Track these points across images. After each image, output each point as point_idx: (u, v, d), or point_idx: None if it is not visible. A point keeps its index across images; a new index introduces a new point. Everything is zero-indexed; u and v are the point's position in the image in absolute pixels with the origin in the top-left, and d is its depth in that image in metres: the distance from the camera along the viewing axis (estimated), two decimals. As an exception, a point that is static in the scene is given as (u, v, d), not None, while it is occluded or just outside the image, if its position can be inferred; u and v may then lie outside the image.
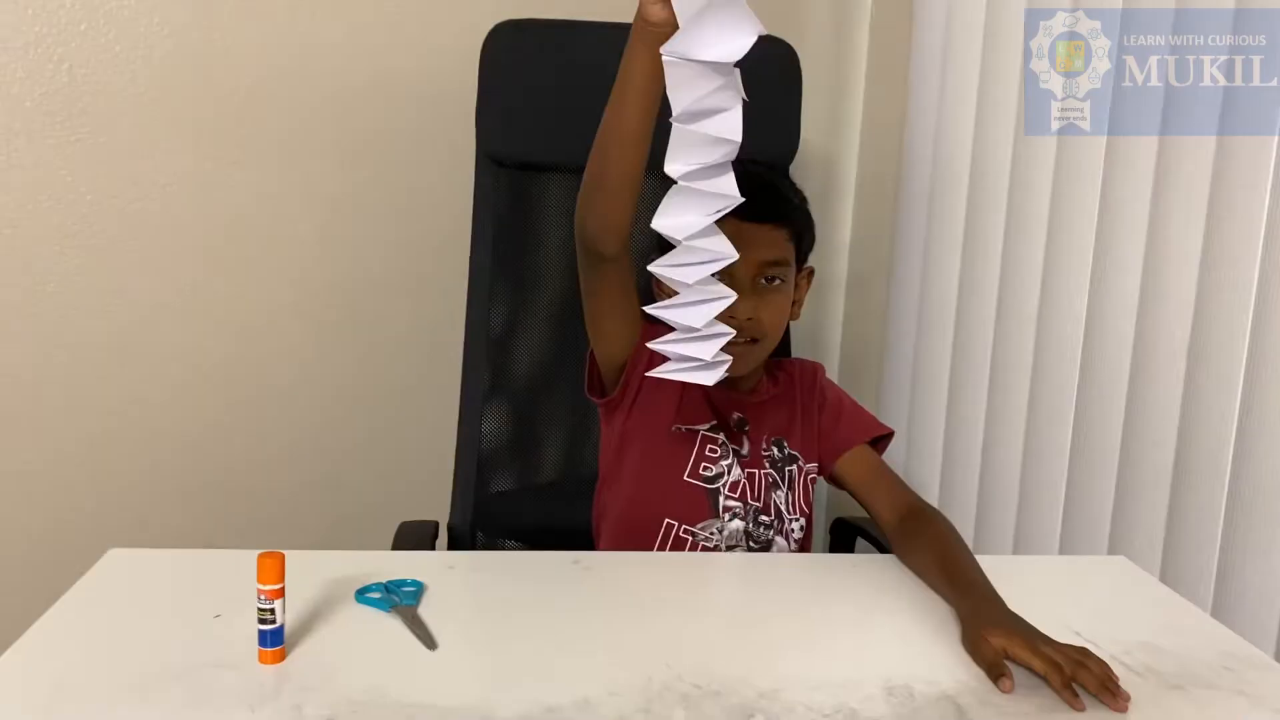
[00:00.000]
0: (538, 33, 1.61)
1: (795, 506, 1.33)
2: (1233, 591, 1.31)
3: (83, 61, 1.74)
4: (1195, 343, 1.36)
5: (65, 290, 1.80)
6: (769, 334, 1.28)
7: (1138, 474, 1.46)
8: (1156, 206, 1.42)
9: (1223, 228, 1.32)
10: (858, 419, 1.38)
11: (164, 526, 1.92)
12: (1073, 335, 1.58)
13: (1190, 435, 1.37)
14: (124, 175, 1.80)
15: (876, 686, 0.90)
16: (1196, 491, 1.36)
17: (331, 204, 1.92)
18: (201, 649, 0.91)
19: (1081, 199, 1.55)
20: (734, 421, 1.32)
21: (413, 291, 1.98)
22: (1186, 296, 1.37)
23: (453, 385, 1.60)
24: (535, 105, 1.60)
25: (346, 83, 1.87)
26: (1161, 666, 0.96)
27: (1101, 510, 1.52)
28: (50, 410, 1.83)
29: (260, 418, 1.96)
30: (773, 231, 1.26)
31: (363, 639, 0.95)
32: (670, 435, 1.30)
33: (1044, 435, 1.64)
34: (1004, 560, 1.37)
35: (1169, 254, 1.40)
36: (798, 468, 1.34)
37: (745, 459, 1.31)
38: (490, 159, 1.61)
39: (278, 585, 0.89)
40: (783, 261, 1.27)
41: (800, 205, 1.33)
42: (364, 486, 2.01)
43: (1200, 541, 1.36)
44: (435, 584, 1.06)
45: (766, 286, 1.26)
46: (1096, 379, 1.53)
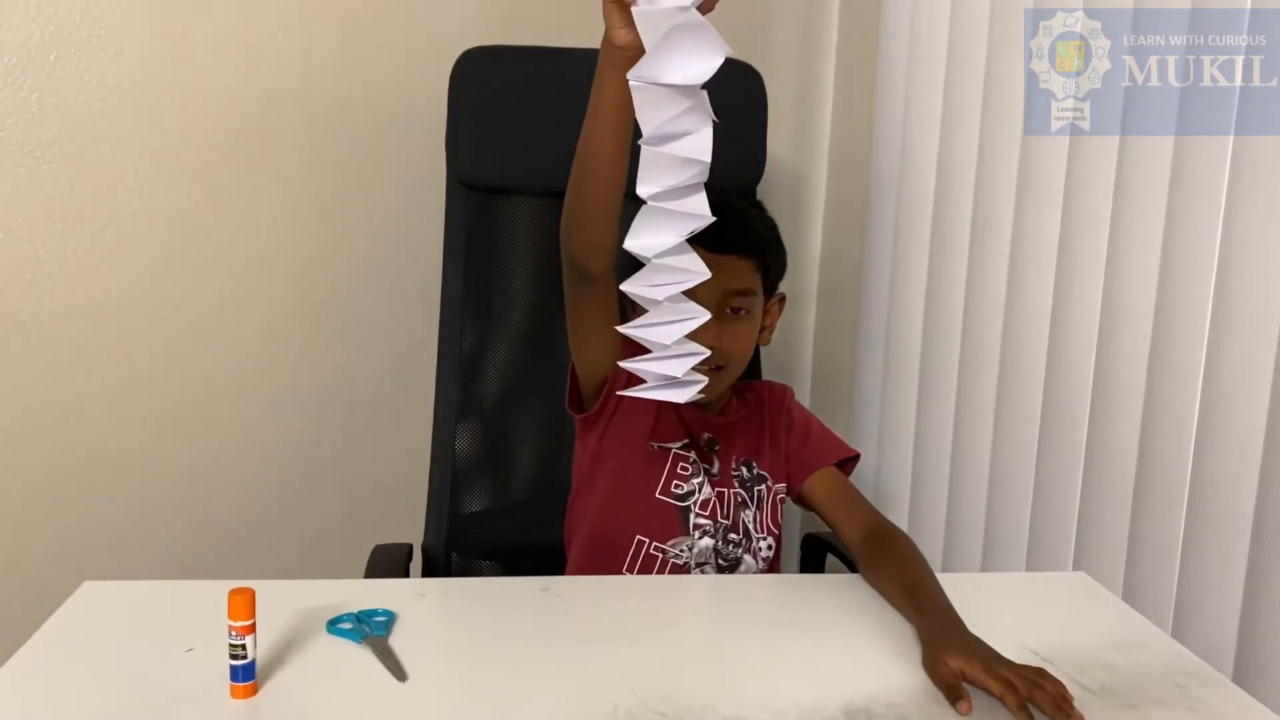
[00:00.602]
0: (506, 58, 1.63)
1: (764, 526, 1.35)
2: (1192, 608, 1.34)
3: (52, 91, 1.75)
4: (1154, 366, 1.39)
5: (35, 318, 1.81)
6: (732, 362, 1.30)
7: (1101, 492, 1.48)
8: (1118, 210, 1.44)
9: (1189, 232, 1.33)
10: (824, 441, 1.40)
11: (139, 551, 1.92)
12: (1037, 354, 1.60)
13: (1150, 455, 1.39)
14: (93, 203, 1.80)
15: (837, 709, 0.92)
16: (1157, 510, 1.38)
17: (301, 228, 1.93)
18: (174, 684, 0.92)
19: (1046, 213, 1.57)
20: (704, 441, 1.34)
21: (384, 314, 1.99)
22: (1146, 315, 1.39)
23: (426, 406, 1.62)
24: (504, 129, 1.61)
25: (316, 108, 1.88)
26: (1115, 685, 0.98)
27: (1066, 528, 1.54)
28: (20, 443, 1.84)
29: (234, 440, 1.96)
30: (739, 262, 1.28)
31: (334, 671, 0.96)
32: (643, 453, 1.32)
33: (1010, 453, 1.66)
34: (965, 577, 1.40)
35: (1134, 272, 1.42)
36: (766, 488, 1.36)
37: (715, 478, 1.33)
38: (460, 182, 1.63)
39: (249, 621, 0.90)
40: (748, 291, 1.30)
41: (769, 234, 1.35)
42: (338, 508, 2.02)
43: (1160, 559, 1.38)
44: (406, 613, 1.07)
45: (731, 316, 1.28)
46: (1061, 397, 1.56)
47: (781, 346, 2.16)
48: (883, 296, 1.98)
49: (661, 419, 1.33)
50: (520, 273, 1.66)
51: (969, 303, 1.75)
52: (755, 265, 1.30)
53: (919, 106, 1.85)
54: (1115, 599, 1.23)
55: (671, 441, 1.33)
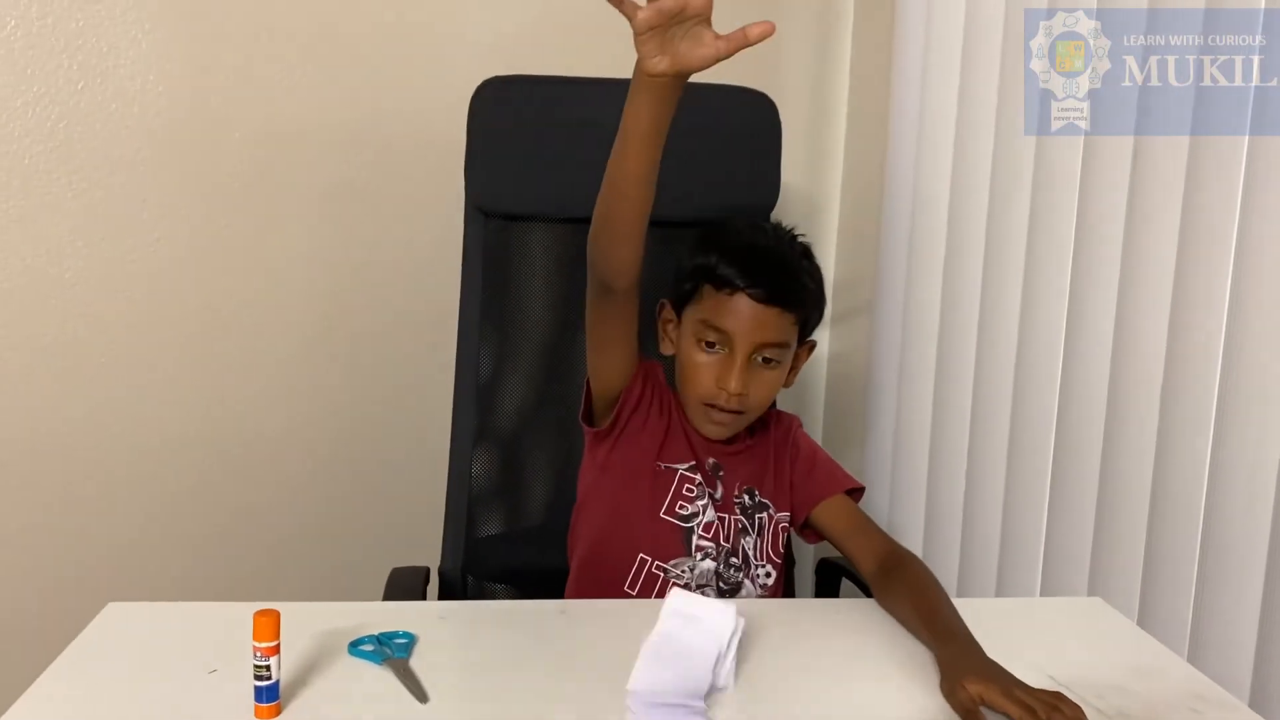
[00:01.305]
0: (524, 88, 1.65)
1: (763, 554, 1.36)
2: (1208, 633, 1.34)
3: (79, 119, 1.78)
4: (1168, 392, 1.39)
5: (60, 343, 1.83)
6: (754, 409, 1.32)
7: (1115, 518, 1.48)
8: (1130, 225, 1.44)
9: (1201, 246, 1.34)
10: (830, 471, 1.41)
11: (160, 578, 1.94)
12: (1051, 378, 1.61)
13: (1165, 480, 1.40)
14: (118, 230, 1.83)
15: (851, 733, 0.93)
16: (1172, 536, 1.39)
17: (322, 254, 1.95)
18: (199, 705, 0.94)
19: (1059, 245, 1.58)
20: (709, 466, 1.36)
21: (402, 340, 2.01)
22: (1160, 339, 1.40)
23: (443, 431, 1.63)
24: (521, 157, 1.64)
25: (338, 137, 1.91)
26: (1131, 709, 0.99)
27: (1081, 554, 1.54)
28: (46, 466, 1.86)
29: (254, 464, 1.98)
30: (781, 317, 1.29)
31: (356, 692, 0.97)
32: (650, 471, 1.33)
33: (1024, 479, 1.66)
34: (980, 603, 1.40)
35: (1147, 294, 1.42)
36: (768, 516, 1.37)
37: (718, 503, 1.34)
38: (478, 209, 1.65)
39: (274, 642, 0.91)
40: (783, 344, 1.31)
41: (815, 288, 1.36)
42: (356, 531, 2.04)
43: (1176, 585, 1.38)
44: (427, 635, 1.08)
45: (762, 366, 1.30)
46: (1075, 424, 1.56)
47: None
48: (896, 322, 1.98)
49: (671, 440, 1.35)
50: (536, 299, 1.67)
51: (982, 328, 1.76)
52: (795, 319, 1.31)
53: (932, 131, 1.87)
54: (1130, 624, 1.24)
55: (679, 463, 1.34)
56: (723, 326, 1.27)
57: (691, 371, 1.31)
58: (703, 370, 1.29)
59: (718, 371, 1.28)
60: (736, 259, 1.28)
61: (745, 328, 1.27)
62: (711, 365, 1.29)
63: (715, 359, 1.29)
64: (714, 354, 1.29)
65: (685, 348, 1.32)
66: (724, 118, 1.67)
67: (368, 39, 1.91)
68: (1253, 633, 1.28)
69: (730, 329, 1.27)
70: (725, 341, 1.28)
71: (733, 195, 1.65)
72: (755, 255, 1.30)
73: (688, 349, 1.32)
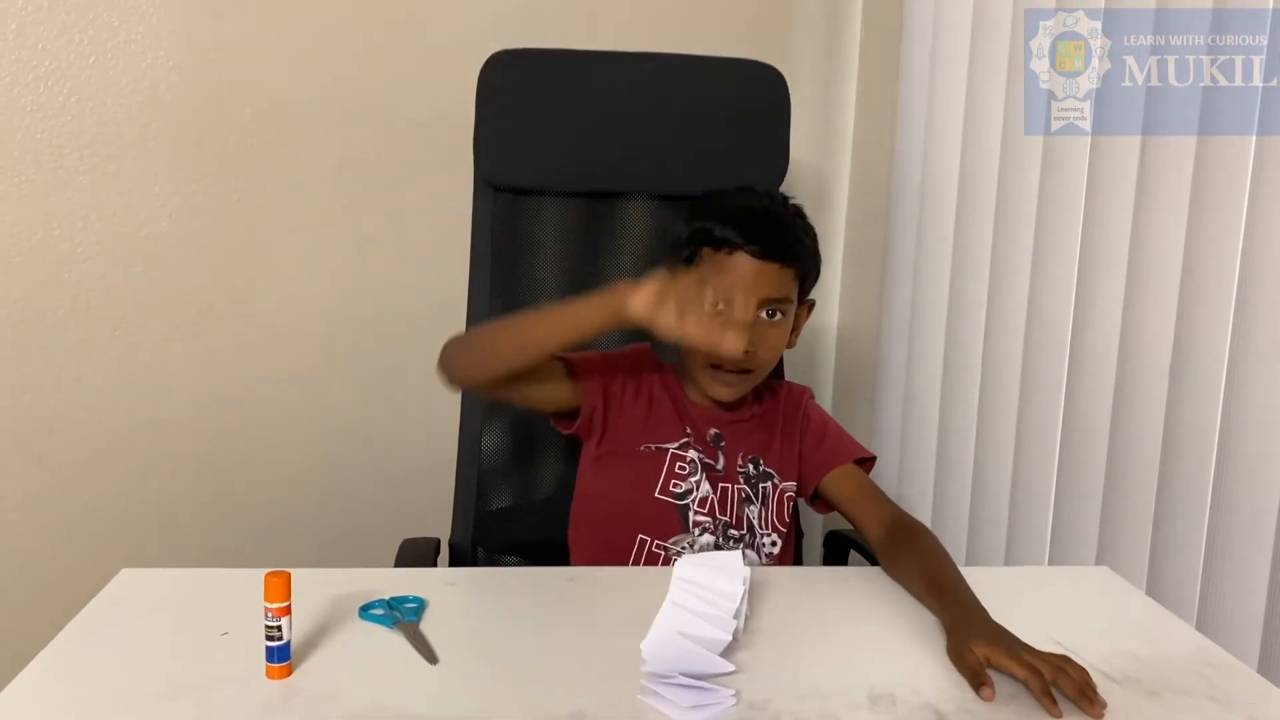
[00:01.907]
0: (533, 61, 1.65)
1: (769, 523, 1.36)
2: (1216, 602, 1.34)
3: (90, 94, 1.78)
4: (1176, 361, 1.39)
5: (74, 316, 1.84)
6: (762, 366, 1.33)
7: (1124, 488, 1.48)
8: (1139, 213, 1.45)
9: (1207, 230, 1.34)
10: (840, 442, 1.41)
11: (171, 546, 1.95)
12: (1060, 349, 1.61)
13: (1174, 450, 1.40)
14: (130, 204, 1.84)
15: (861, 695, 0.93)
16: (1180, 505, 1.39)
17: (333, 229, 1.96)
18: (210, 666, 0.95)
19: (1068, 215, 1.58)
20: (710, 437, 1.36)
21: (412, 314, 2.01)
22: (1168, 310, 1.40)
23: (453, 405, 1.64)
24: (530, 131, 1.63)
25: (349, 111, 1.92)
26: (1139, 674, 0.99)
27: (1089, 523, 1.54)
28: (59, 434, 1.87)
29: (265, 439, 1.99)
30: (781, 271, 1.30)
31: (367, 654, 0.98)
32: (640, 455, 1.34)
33: (1032, 450, 1.67)
34: (988, 571, 1.40)
35: (1153, 267, 1.43)
36: (772, 485, 1.37)
37: (720, 474, 1.35)
38: (487, 183, 1.65)
39: (284, 603, 0.92)
40: (785, 299, 1.32)
41: (811, 244, 1.37)
42: (367, 504, 2.05)
43: (1185, 553, 1.38)
44: (436, 600, 1.09)
45: (766, 321, 1.31)
46: (1083, 394, 1.56)
47: (804, 344, 2.17)
48: (905, 297, 1.98)
49: (655, 421, 1.35)
50: (546, 272, 1.67)
51: (992, 298, 1.76)
52: (795, 274, 1.33)
53: (942, 105, 1.86)
54: (1139, 593, 1.24)
55: (668, 442, 1.35)
56: (724, 284, 1.28)
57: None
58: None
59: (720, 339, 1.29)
60: (733, 219, 1.30)
61: (747, 283, 1.28)
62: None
63: (720, 319, 1.29)
64: (718, 314, 1.29)
65: None
66: (733, 91, 1.67)
67: (378, 13, 1.91)
68: (1261, 602, 1.28)
69: (732, 286, 1.28)
70: (728, 300, 1.29)
71: (740, 169, 1.64)
72: (751, 214, 1.32)
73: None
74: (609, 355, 1.38)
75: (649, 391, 1.37)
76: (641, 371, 1.38)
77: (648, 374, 1.38)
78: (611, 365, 1.36)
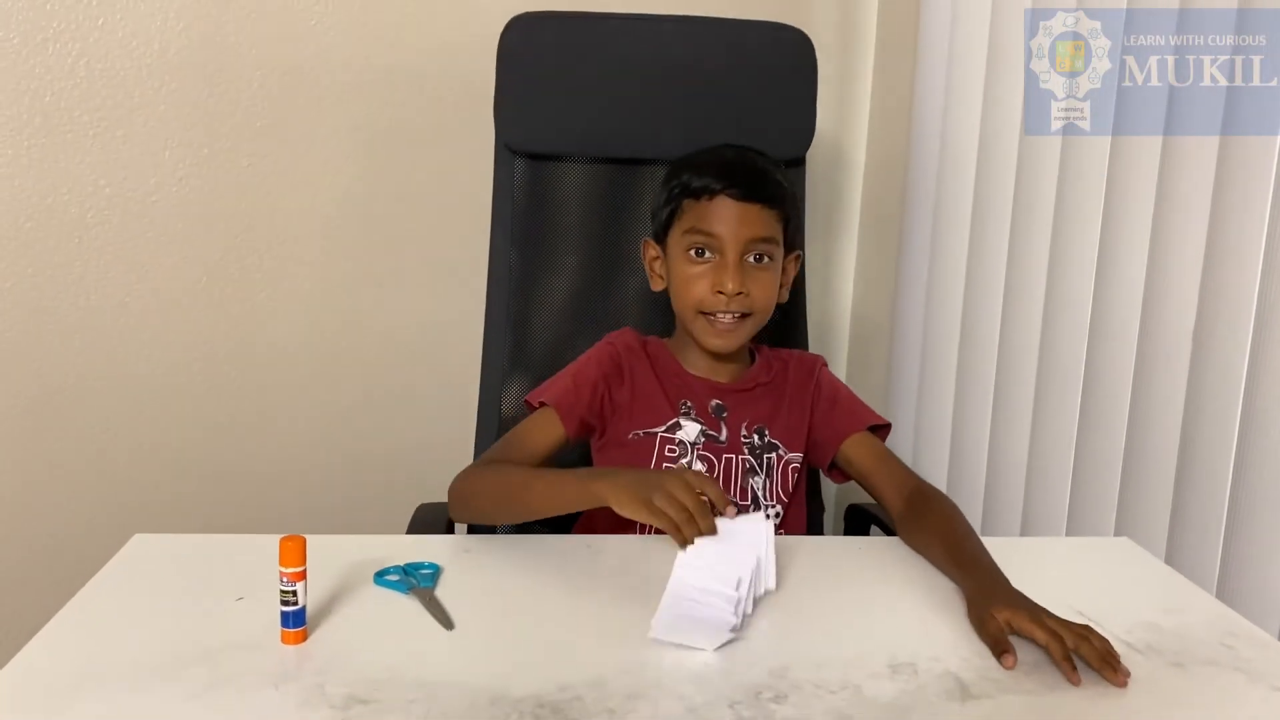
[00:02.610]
0: (554, 24, 1.63)
1: (773, 494, 1.35)
2: (1237, 572, 1.33)
3: (99, 56, 1.76)
4: (1200, 328, 1.37)
5: (84, 281, 1.83)
6: (758, 309, 1.32)
7: (1144, 457, 1.47)
8: (1162, 194, 1.43)
9: (1227, 221, 1.33)
10: (854, 410, 1.41)
11: (185, 512, 1.95)
12: (1079, 320, 1.59)
13: (1195, 419, 1.38)
14: (141, 168, 1.82)
15: (881, 664, 0.92)
16: (1202, 474, 1.37)
17: (345, 192, 1.94)
18: (225, 631, 0.94)
19: (1086, 190, 1.56)
20: (712, 408, 1.35)
21: (432, 279, 2.00)
22: (1191, 284, 1.38)
23: (472, 369, 1.63)
24: (552, 95, 1.62)
25: (363, 74, 1.90)
26: (1162, 644, 0.98)
27: (1108, 493, 1.53)
28: (72, 400, 1.86)
29: (280, 403, 1.99)
30: (764, 211, 1.31)
31: (382, 620, 0.98)
32: (630, 442, 1.34)
33: (1051, 419, 1.65)
34: (1008, 541, 1.39)
35: (1173, 244, 1.41)
36: (777, 456, 1.36)
37: (723, 445, 1.34)
38: (508, 148, 1.64)
39: (300, 568, 0.91)
40: (772, 240, 1.32)
41: (791, 191, 1.37)
42: (384, 469, 2.04)
43: (1205, 523, 1.37)
44: (452, 567, 1.09)
45: (755, 265, 1.31)
46: (1102, 362, 1.54)
47: (819, 318, 2.15)
48: (923, 264, 1.96)
49: (642, 407, 1.35)
50: (567, 238, 1.66)
51: (1010, 266, 1.74)
52: (778, 216, 1.33)
53: (961, 75, 1.84)
54: (1160, 563, 1.23)
55: (655, 427, 1.34)
56: (710, 230, 1.30)
57: (686, 285, 1.32)
58: (696, 281, 1.31)
59: (713, 277, 1.30)
60: (710, 168, 1.32)
61: (732, 227, 1.29)
62: (705, 273, 1.31)
63: (708, 266, 1.31)
64: (706, 262, 1.31)
65: (676, 266, 1.34)
66: (758, 54, 1.64)
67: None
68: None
69: (718, 231, 1.29)
70: (714, 245, 1.30)
71: (765, 135, 1.61)
72: (726, 161, 1.33)
73: (679, 265, 1.33)
74: (580, 373, 1.36)
75: (632, 380, 1.36)
76: (622, 361, 1.37)
77: (630, 361, 1.38)
78: (586, 381, 1.35)
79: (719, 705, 0.84)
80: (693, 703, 0.84)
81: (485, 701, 0.83)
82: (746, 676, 0.89)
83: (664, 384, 1.37)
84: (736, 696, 0.86)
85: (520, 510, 1.19)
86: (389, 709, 0.82)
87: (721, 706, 0.84)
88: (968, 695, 0.88)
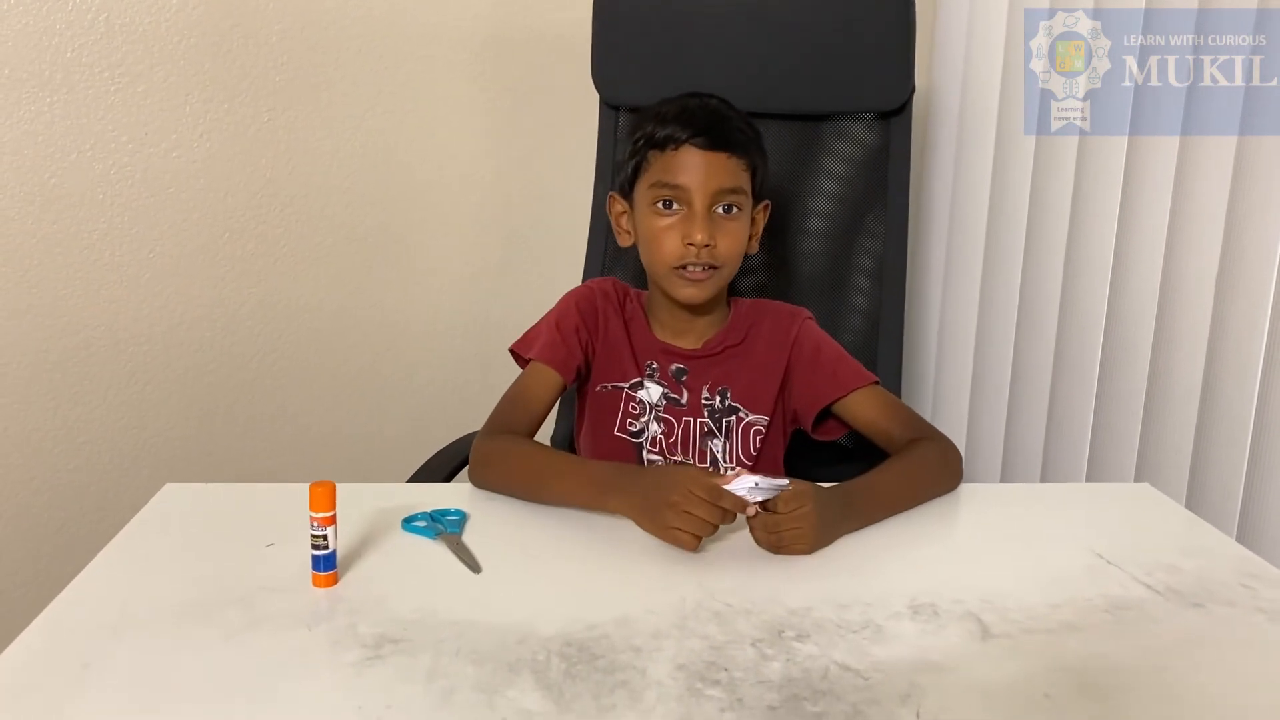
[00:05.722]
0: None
1: (733, 456, 1.35)
2: (1257, 517, 1.33)
3: (120, 12, 1.76)
4: (1222, 273, 1.37)
5: (109, 236, 1.84)
6: (727, 261, 1.31)
7: (1165, 406, 1.47)
8: (1184, 146, 1.42)
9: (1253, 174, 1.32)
10: (835, 371, 1.35)
11: (213, 464, 1.97)
12: (1101, 265, 1.59)
13: (1216, 366, 1.38)
14: (162, 124, 1.83)
15: (902, 604, 0.93)
16: (1222, 421, 1.38)
17: (367, 145, 1.95)
18: (257, 576, 0.96)
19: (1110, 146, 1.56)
20: (672, 371, 1.36)
21: (444, 228, 2.01)
22: (1215, 219, 1.38)
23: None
24: (647, 51, 1.66)
25: (381, 27, 1.89)
26: (1182, 586, 0.99)
27: (1128, 440, 1.54)
28: (99, 352, 1.88)
29: (305, 355, 2.00)
30: (730, 160, 1.29)
31: (410, 564, 0.99)
32: (599, 394, 1.36)
33: (1072, 366, 1.65)
34: (1026, 488, 1.40)
35: (1195, 199, 1.41)
36: (737, 419, 1.35)
37: (683, 408, 1.35)
38: (609, 105, 1.69)
39: (330, 512, 0.93)
40: (739, 190, 1.30)
41: (756, 137, 1.35)
42: (409, 418, 2.07)
43: (1225, 470, 1.37)
44: (478, 513, 1.11)
45: (724, 216, 1.29)
46: (1124, 309, 1.54)
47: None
48: (944, 213, 1.96)
49: (612, 360, 1.36)
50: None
51: (1032, 215, 1.73)
52: (745, 165, 1.31)
53: (983, 22, 1.82)
54: (1180, 508, 1.23)
55: (622, 381, 1.36)
56: (676, 181, 1.27)
57: (654, 239, 1.30)
58: (665, 234, 1.29)
59: (682, 229, 1.28)
60: (674, 117, 1.29)
61: (698, 178, 1.27)
62: (674, 225, 1.29)
63: (676, 218, 1.29)
64: (673, 214, 1.29)
65: (643, 220, 1.32)
66: (857, 10, 1.62)
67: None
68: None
69: (684, 182, 1.27)
70: (682, 197, 1.28)
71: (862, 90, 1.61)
72: (690, 110, 1.31)
73: (646, 219, 1.31)
74: (562, 321, 1.36)
75: (605, 330, 1.37)
76: (598, 308, 1.38)
77: (606, 310, 1.38)
78: (570, 328, 1.35)
79: (742, 643, 0.86)
80: (716, 641, 0.86)
81: (513, 641, 0.85)
82: (769, 615, 0.90)
83: (633, 341, 1.37)
84: (759, 635, 0.87)
85: (535, 500, 1.17)
86: (420, 648, 0.84)
87: (744, 644, 0.85)
88: (988, 635, 0.89)
